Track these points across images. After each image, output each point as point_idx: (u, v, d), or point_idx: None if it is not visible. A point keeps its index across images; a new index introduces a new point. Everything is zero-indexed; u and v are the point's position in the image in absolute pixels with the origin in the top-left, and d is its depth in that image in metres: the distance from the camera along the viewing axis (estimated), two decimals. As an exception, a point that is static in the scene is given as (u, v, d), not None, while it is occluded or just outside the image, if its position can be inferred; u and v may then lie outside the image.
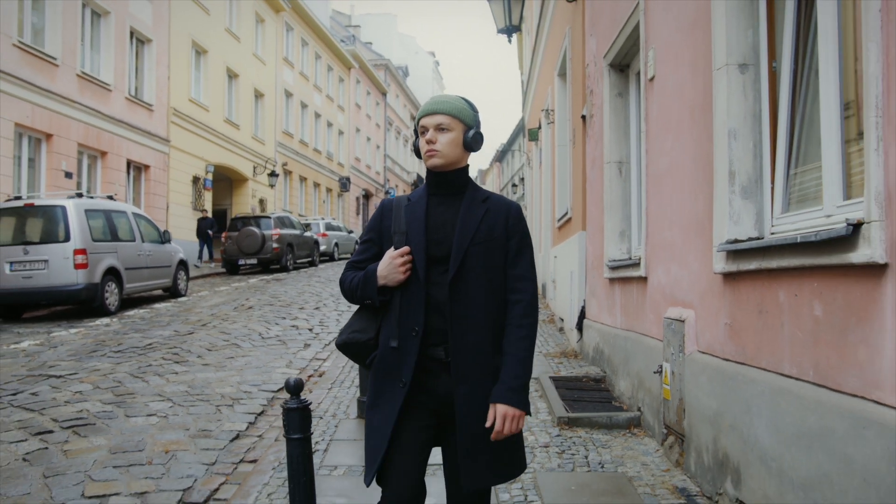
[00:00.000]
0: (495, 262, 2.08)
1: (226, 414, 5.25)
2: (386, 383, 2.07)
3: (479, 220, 2.07)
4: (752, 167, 3.24)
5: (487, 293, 2.05)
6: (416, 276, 2.04)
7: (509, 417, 1.98)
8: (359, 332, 2.16)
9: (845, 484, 2.22)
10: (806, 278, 2.53)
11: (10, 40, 13.47)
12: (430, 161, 2.09)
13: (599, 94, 6.33)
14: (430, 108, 2.10)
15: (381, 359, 2.09)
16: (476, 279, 2.04)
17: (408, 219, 2.11)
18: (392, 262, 2.05)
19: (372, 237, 2.20)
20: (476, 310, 2.03)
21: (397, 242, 2.09)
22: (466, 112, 2.12)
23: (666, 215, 4.35)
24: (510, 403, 1.98)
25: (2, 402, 5.42)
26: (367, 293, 2.11)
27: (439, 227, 2.08)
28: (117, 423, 4.94)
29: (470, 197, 2.13)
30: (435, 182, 2.15)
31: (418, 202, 2.14)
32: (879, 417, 2.06)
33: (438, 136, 2.07)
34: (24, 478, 3.88)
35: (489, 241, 2.07)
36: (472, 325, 2.03)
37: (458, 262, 2.03)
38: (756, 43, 3.27)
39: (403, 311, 2.05)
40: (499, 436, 1.98)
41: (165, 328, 9.10)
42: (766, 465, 2.79)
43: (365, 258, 2.19)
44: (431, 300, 2.04)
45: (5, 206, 10.25)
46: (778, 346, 2.76)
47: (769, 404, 2.77)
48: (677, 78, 4.09)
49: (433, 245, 2.06)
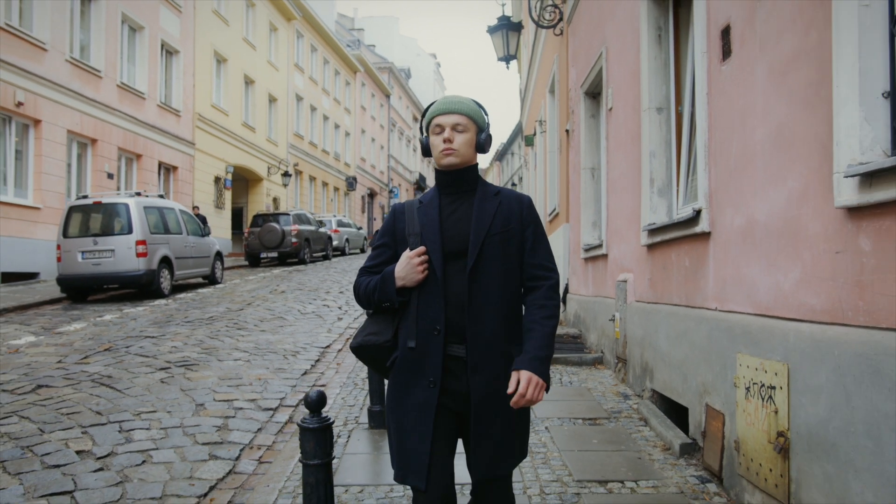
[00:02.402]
0: (511, 254, 2.10)
1: (291, 360, 6.94)
2: (410, 384, 2.07)
3: (494, 212, 2.11)
4: (665, 176, 4.94)
5: (503, 284, 2.08)
6: (434, 275, 2.06)
7: (533, 383, 1.97)
8: (374, 334, 2.15)
9: (692, 358, 3.93)
10: (682, 244, 4.23)
11: (63, 56, 15.17)
12: (446, 160, 2.11)
13: (578, 114, 8.03)
14: (447, 108, 2.12)
15: (403, 360, 2.10)
16: (493, 270, 2.06)
17: (421, 220, 2.13)
18: (410, 262, 2.06)
19: (386, 241, 2.21)
20: (493, 300, 2.05)
21: (412, 243, 2.10)
22: (480, 115, 2.17)
23: (618, 208, 6.06)
24: (535, 371, 1.98)
25: (121, 351, 7.12)
26: (386, 295, 2.11)
27: (454, 224, 2.11)
28: (215, 363, 6.63)
29: (482, 192, 2.16)
30: (447, 181, 2.17)
31: (430, 203, 2.17)
32: (705, 315, 3.76)
33: (455, 135, 2.10)
34: (168, 391, 5.57)
35: (505, 233, 2.09)
36: (489, 316, 2.04)
37: (476, 253, 2.04)
38: (668, 94, 4.96)
39: (422, 311, 2.06)
40: (520, 401, 1.96)
41: (218, 306, 10.81)
42: (663, 362, 4.51)
43: (379, 262, 2.20)
44: (450, 297, 2.05)
45: (76, 203, 11.94)
46: (671, 287, 4.46)
47: (665, 323, 4.48)
48: (625, 112, 5.79)
49: (449, 241, 2.09)
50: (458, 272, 2.06)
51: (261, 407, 5.22)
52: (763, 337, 3.01)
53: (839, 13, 2.39)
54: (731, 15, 3.43)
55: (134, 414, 4.90)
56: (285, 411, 5.17)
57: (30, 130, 14.38)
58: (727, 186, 3.51)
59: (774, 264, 2.94)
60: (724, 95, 3.56)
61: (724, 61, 3.54)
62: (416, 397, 2.05)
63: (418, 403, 2.04)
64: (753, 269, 3.16)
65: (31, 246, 14.01)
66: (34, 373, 6.12)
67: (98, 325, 9.02)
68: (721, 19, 3.57)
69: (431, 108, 2.16)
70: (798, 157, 2.74)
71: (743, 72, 3.30)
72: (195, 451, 4.23)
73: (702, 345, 3.79)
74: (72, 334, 8.26)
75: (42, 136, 14.48)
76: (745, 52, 3.27)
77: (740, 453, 3.19)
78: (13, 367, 6.35)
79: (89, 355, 6.91)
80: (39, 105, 14.35)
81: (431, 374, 2.02)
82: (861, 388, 2.27)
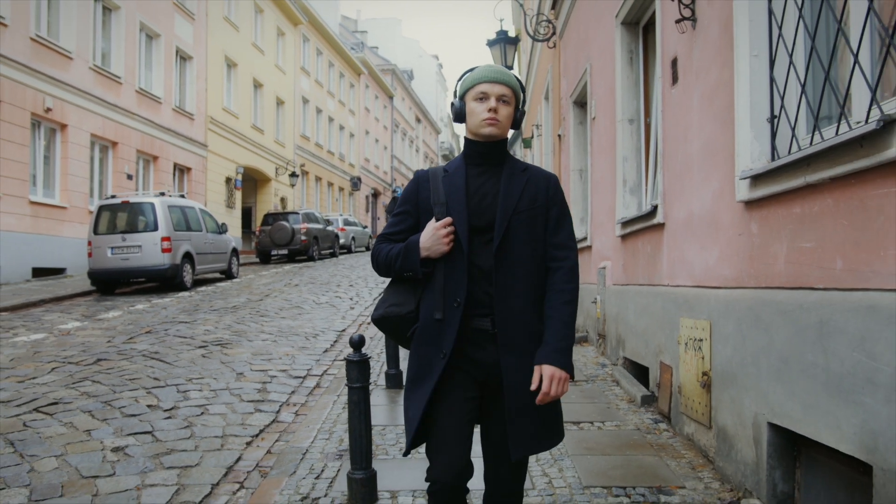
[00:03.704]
0: (537, 232, 2.07)
1: (312, 341, 7.82)
2: (428, 355, 2.07)
3: (522, 189, 2.07)
4: (636, 177, 5.81)
5: (530, 262, 2.05)
6: (459, 247, 2.03)
7: (556, 379, 1.95)
8: (397, 305, 2.13)
9: (651, 326, 4.81)
10: (644, 233, 5.11)
11: (87, 64, 16.07)
12: (487, 129, 2.05)
13: (568, 121, 8.90)
14: (496, 77, 2.06)
15: (423, 330, 2.09)
16: (519, 248, 2.03)
17: (447, 189, 2.08)
18: (436, 234, 2.02)
19: (408, 209, 2.16)
20: (520, 278, 2.03)
21: (438, 213, 2.06)
22: (521, 90, 2.13)
23: (600, 205, 6.93)
24: (557, 365, 1.97)
25: (160, 333, 8.01)
26: (409, 265, 2.08)
27: (481, 197, 2.07)
28: (246, 343, 7.52)
29: (510, 167, 2.11)
30: (477, 152, 2.12)
31: (456, 173, 2.12)
32: (660, 291, 4.64)
33: (501, 107, 2.05)
34: (210, 364, 6.45)
35: (531, 210, 2.06)
36: (516, 294, 2.02)
37: (503, 230, 2.02)
38: (638, 108, 5.83)
39: (448, 283, 2.04)
40: (545, 398, 1.96)
41: (238, 297, 11.70)
42: (632, 332, 5.39)
43: (400, 230, 2.16)
44: (475, 270, 2.03)
45: (105, 203, 12.85)
46: (638, 271, 5.34)
47: (633, 301, 5.36)
48: (604, 122, 6.67)
49: (475, 215, 2.05)
50: (482, 246, 2.04)
51: (291, 375, 6.11)
52: (696, 303, 3.88)
53: (738, 59, 3.26)
54: (677, 49, 4.31)
55: (186, 380, 5.79)
56: (313, 379, 6.06)
57: (57, 134, 15.28)
58: (675, 186, 4.38)
59: (704, 247, 3.82)
60: (673, 113, 4.43)
61: (673, 85, 4.42)
62: (428, 369, 2.06)
63: (426, 374, 2.06)
64: (691, 251, 4.04)
65: (59, 243, 14.91)
66: (90, 350, 7.01)
67: (132, 313, 9.92)
68: (671, 52, 4.44)
69: (475, 74, 2.10)
70: (718, 165, 3.61)
71: (685, 95, 4.18)
72: (242, 406, 5.12)
73: (658, 315, 4.66)
74: (112, 320, 9.15)
75: (68, 140, 15.39)
76: (686, 80, 4.15)
77: (682, 395, 4.07)
78: (71, 346, 7.25)
79: (133, 336, 7.80)
80: (66, 110, 15.25)
81: (445, 346, 2.02)
82: (750, 332, 3.14)
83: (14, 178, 13.55)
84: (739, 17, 3.25)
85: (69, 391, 5.35)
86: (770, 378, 2.91)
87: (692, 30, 3.99)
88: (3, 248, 12.93)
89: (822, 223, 2.55)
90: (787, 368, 2.77)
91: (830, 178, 2.44)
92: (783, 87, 3.00)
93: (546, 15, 10.21)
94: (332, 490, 3.50)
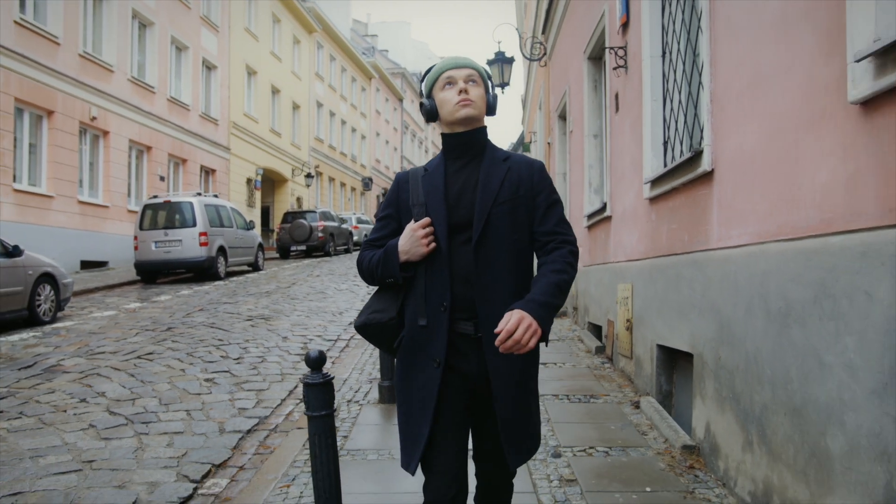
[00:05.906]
0: (520, 224, 1.96)
1: (338, 317, 9.36)
2: (417, 364, 1.98)
3: (502, 179, 1.97)
4: (599, 180, 7.32)
5: (513, 257, 1.94)
6: (440, 248, 1.94)
7: (525, 324, 1.74)
8: (378, 311, 2.04)
9: (603, 295, 6.33)
10: (600, 224, 6.63)
11: (126, 76, 17.72)
12: (463, 111, 1.96)
13: (554, 132, 10.42)
14: (458, 62, 2.03)
15: (410, 338, 1.99)
16: (501, 242, 1.93)
17: (426, 189, 2.00)
18: (413, 235, 1.94)
19: (390, 212, 2.09)
20: (503, 275, 1.92)
21: (417, 214, 1.98)
22: (486, 73, 2.07)
23: (576, 203, 8.45)
24: (533, 314, 1.78)
25: (211, 311, 9.58)
26: (389, 270, 1.99)
27: (460, 193, 1.98)
28: (284, 317, 9.07)
29: (490, 157, 2.02)
30: (454, 145, 2.03)
31: (435, 171, 2.04)
32: (609, 267, 6.16)
33: (471, 87, 1.98)
34: (259, 331, 8.00)
35: (513, 201, 1.95)
36: (499, 292, 1.91)
37: (482, 224, 1.91)
38: (601, 125, 7.34)
39: (430, 286, 1.94)
40: (509, 342, 1.73)
41: (269, 285, 13.28)
42: (593, 302, 6.91)
43: (383, 235, 2.09)
44: (457, 271, 1.92)
45: (149, 202, 14.48)
46: (597, 253, 6.86)
47: (594, 277, 6.89)
48: (577, 136, 8.18)
49: (454, 212, 1.95)
50: (463, 244, 1.93)
51: (325, 339, 7.66)
52: (626, 272, 5.40)
53: (645, 101, 4.77)
54: (617, 87, 5.82)
55: (244, 340, 7.35)
56: (342, 342, 7.60)
57: (100, 140, 16.93)
58: (617, 188, 5.90)
59: (630, 232, 5.33)
60: (615, 134, 5.94)
61: (616, 113, 5.93)
62: (422, 379, 1.97)
63: (423, 385, 1.96)
64: (625, 236, 5.56)
65: (102, 238, 16.56)
66: (159, 322, 8.59)
67: (180, 297, 11.52)
68: (615, 88, 5.95)
69: (437, 67, 2.05)
70: (637, 173, 5.12)
71: (622, 121, 5.69)
72: (291, 358, 6.66)
73: (606, 285, 6.18)
74: (166, 302, 10.75)
75: (110, 146, 17.04)
76: (622, 111, 5.66)
77: (617, 340, 5.59)
78: (142, 319, 8.84)
79: (190, 313, 9.38)
80: (108, 119, 16.90)
81: (437, 354, 1.93)
82: (648, 287, 4.66)
83: (66, 180, 15.20)
84: (645, 73, 4.77)
85: (157, 346, 6.93)
86: (657, 315, 4.43)
87: (625, 74, 5.51)
88: (58, 242, 14.57)
89: (680, 212, 4.06)
90: (664, 307, 4.29)
91: (682, 183, 3.96)
92: (671, 122, 4.52)
93: (539, 38, 11.73)
94: (367, 398, 5.05)
